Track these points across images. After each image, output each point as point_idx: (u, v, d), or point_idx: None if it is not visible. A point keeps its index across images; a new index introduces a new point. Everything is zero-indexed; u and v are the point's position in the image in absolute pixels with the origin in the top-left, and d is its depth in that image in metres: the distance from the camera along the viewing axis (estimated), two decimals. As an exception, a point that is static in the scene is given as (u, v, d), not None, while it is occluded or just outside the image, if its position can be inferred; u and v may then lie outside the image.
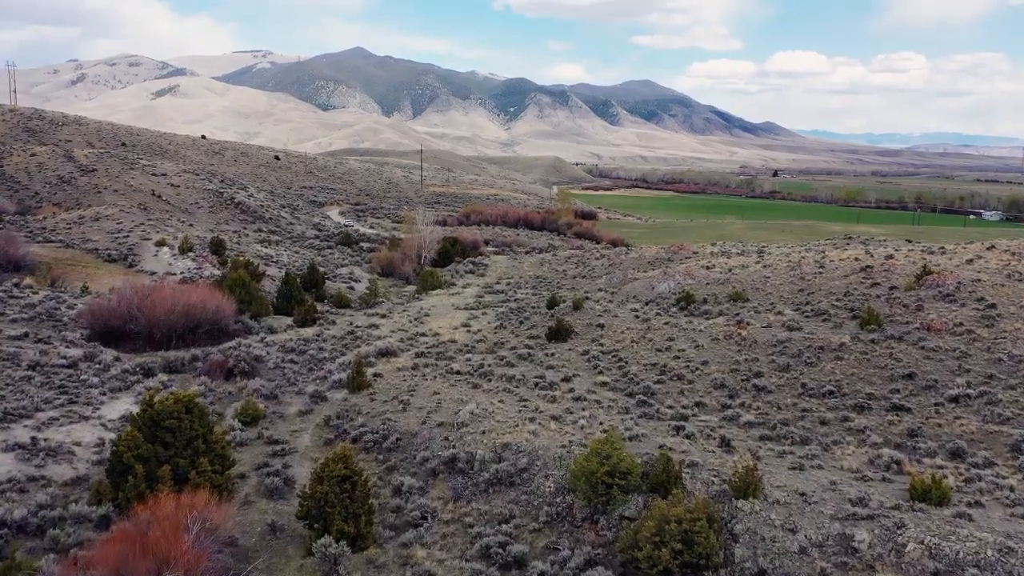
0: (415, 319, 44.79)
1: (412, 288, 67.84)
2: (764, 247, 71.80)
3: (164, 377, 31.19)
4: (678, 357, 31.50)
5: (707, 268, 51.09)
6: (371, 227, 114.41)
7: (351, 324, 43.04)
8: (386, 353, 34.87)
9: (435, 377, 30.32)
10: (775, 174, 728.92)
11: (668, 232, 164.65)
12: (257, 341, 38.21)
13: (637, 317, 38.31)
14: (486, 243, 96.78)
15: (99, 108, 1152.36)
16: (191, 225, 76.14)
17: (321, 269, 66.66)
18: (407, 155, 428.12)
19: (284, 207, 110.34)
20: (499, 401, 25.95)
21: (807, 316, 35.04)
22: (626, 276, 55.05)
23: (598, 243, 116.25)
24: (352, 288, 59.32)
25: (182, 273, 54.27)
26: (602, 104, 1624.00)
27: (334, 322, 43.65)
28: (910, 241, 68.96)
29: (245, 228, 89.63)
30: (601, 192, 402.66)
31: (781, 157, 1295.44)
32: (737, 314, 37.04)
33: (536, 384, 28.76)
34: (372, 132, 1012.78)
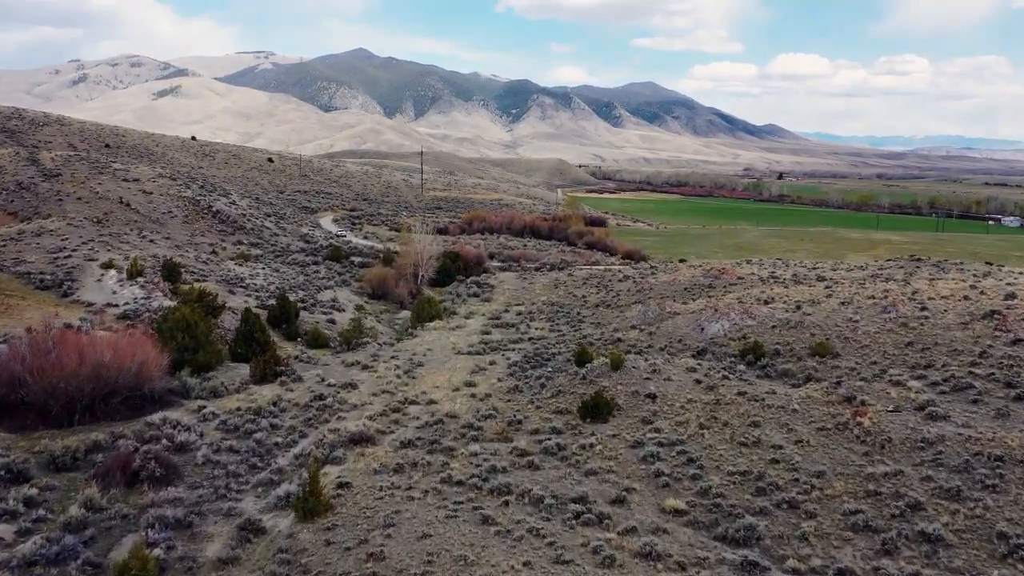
0: (405, 372, 35.20)
1: (406, 314, 58.34)
2: (817, 266, 62.18)
3: (34, 489, 21.56)
4: (776, 461, 21.86)
5: (766, 303, 41.50)
6: (365, 237, 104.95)
7: (322, 381, 33.45)
8: (360, 440, 25.25)
9: (426, 493, 20.72)
10: (780, 176, 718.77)
11: (683, 240, 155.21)
12: (191, 413, 28.61)
13: (698, 382, 28.66)
14: (491, 257, 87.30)
15: (101, 108, 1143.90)
16: (153, 241, 66.52)
17: (301, 293, 57.18)
18: (408, 157, 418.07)
19: (269, 216, 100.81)
20: (523, 564, 16.33)
21: (942, 390, 25.40)
22: (663, 309, 45.42)
23: (612, 255, 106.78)
24: (333, 321, 49.69)
25: (126, 304, 44.72)
26: (604, 106, 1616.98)
27: (300, 377, 34.04)
28: (990, 264, 59.25)
29: (223, 240, 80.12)
30: (606, 195, 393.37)
31: (784, 160, 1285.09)
32: (838, 381, 27.40)
33: (576, 515, 19.13)
34: (374, 133, 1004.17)
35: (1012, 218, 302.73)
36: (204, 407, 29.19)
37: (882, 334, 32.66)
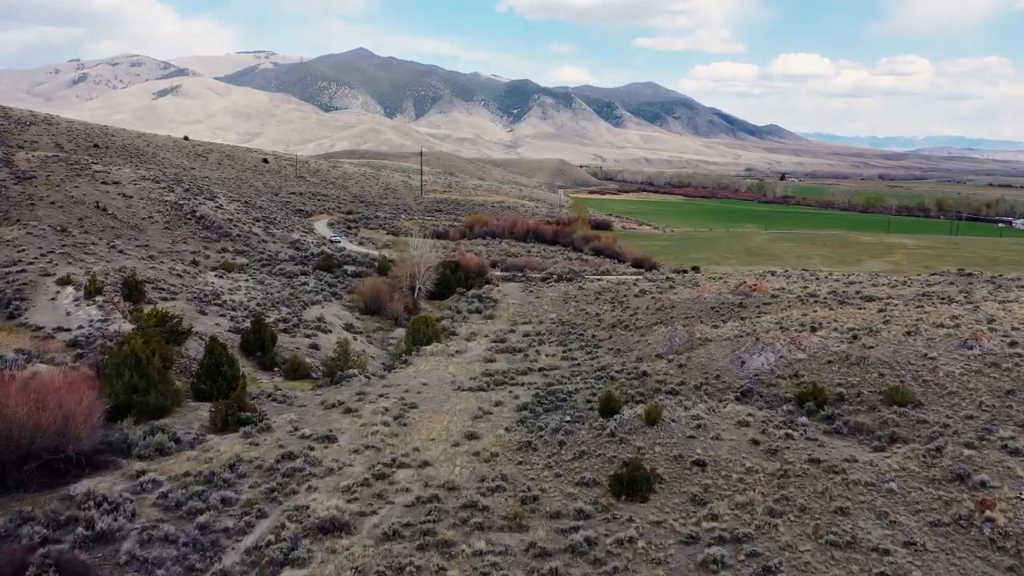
0: (395, 417, 29.60)
1: (401, 332, 52.82)
2: (852, 281, 56.51)
3: None
4: None
5: (813, 329, 35.90)
6: (361, 243, 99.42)
7: (295, 430, 27.88)
8: (331, 529, 19.65)
9: (413, 626, 15.13)
10: (782, 177, 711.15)
11: (693, 245, 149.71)
12: (126, 481, 23.04)
13: (755, 443, 23.09)
14: (493, 265, 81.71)
15: (100, 108, 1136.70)
16: (123, 251, 60.87)
17: (284, 311, 51.63)
18: (408, 157, 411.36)
19: (259, 220, 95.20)
20: None
21: (1080, 466, 19.77)
22: (692, 335, 39.79)
23: (621, 262, 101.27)
24: (317, 347, 44.07)
25: (79, 328, 39.19)
26: (606, 106, 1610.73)
27: (270, 426, 28.43)
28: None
29: (206, 248, 74.61)
30: (608, 196, 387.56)
31: (786, 160, 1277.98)
32: (936, 446, 21.79)
33: (625, 673, 13.51)
34: (374, 133, 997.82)
35: (1023, 220, 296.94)
36: (144, 472, 23.59)
37: (970, 377, 27.06)
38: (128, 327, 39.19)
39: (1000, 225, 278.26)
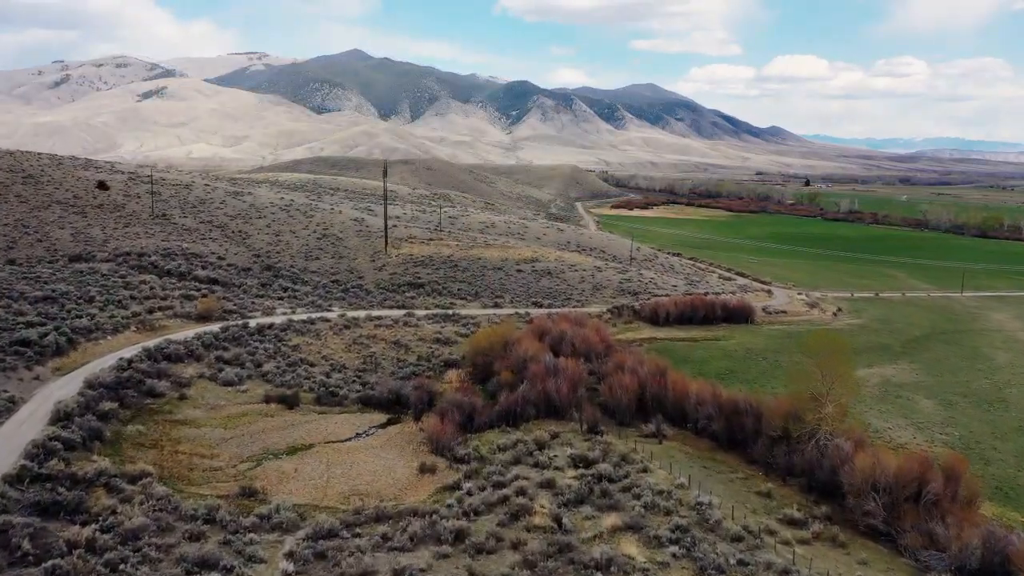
0: None
1: None
2: None
3: None
4: None
5: None
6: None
7: None
8: None
9: None
10: (807, 183, 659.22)
11: (877, 349, 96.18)
12: None
13: None
14: None
15: (81, 111, 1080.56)
16: None
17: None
18: (395, 165, 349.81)
19: None
20: None
21: None
22: None
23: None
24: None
25: None
26: (607, 108, 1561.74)
27: None
28: None
29: None
30: (636, 212, 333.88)
31: (795, 163, 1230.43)
32: None
33: None
34: (367, 136, 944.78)
35: None
36: None
37: None
38: None
39: None
